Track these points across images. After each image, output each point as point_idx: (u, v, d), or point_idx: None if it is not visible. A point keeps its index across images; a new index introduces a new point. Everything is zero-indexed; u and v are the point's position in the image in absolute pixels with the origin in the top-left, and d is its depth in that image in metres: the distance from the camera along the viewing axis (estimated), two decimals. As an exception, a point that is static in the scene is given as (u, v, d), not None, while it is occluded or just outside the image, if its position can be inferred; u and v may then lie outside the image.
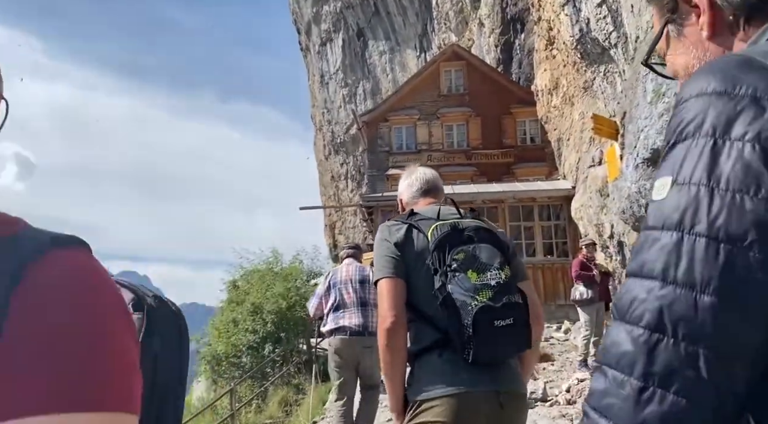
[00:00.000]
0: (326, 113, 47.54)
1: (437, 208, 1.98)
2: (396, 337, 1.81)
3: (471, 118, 20.80)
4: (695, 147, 0.65)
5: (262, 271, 12.88)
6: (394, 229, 1.91)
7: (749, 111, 0.63)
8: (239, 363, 11.52)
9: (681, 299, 0.64)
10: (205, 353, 11.50)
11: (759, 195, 0.61)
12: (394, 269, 1.84)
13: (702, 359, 0.63)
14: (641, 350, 0.65)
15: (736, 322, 0.63)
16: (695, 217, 0.64)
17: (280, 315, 11.45)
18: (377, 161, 21.08)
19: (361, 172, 46.58)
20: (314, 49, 47.83)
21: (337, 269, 5.27)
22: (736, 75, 0.65)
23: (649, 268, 0.66)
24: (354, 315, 4.87)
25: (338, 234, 47.98)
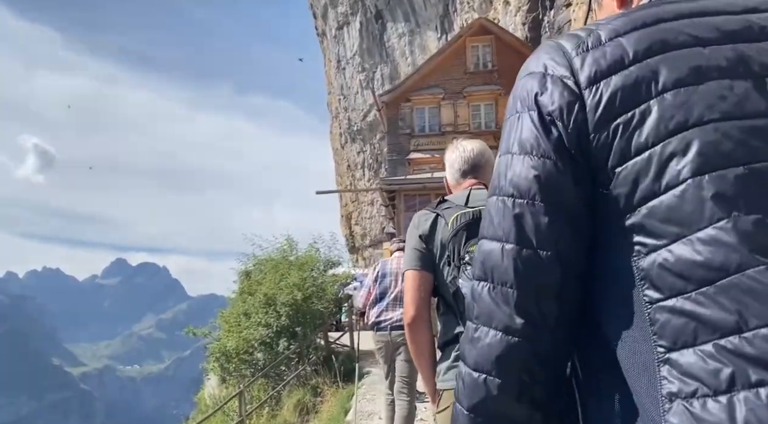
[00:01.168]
0: (343, 100, 46.30)
1: (467, 192, 1.85)
2: (417, 331, 1.87)
3: (500, 96, 19.36)
4: (507, 122, 0.83)
5: (275, 260, 11.67)
6: (422, 219, 1.88)
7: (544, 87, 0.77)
8: (251, 360, 10.34)
9: (494, 251, 0.78)
10: (214, 348, 10.37)
11: (537, 153, 0.75)
12: (419, 261, 1.84)
13: (512, 297, 0.75)
14: (472, 297, 0.81)
15: (533, 263, 0.74)
16: (501, 180, 0.78)
17: (296, 307, 10.23)
18: (398, 144, 19.77)
19: (378, 161, 45.35)
20: (330, 34, 46.53)
21: (387, 260, 5.12)
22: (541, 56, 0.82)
23: (481, 230, 0.82)
24: (398, 309, 4.69)
25: (354, 224, 46.93)
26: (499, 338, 0.76)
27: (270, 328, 10.25)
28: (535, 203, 0.74)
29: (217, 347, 10.38)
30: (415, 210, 14.14)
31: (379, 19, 42.21)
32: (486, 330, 0.77)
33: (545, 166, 0.74)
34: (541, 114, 0.75)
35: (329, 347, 11.42)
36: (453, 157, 2.02)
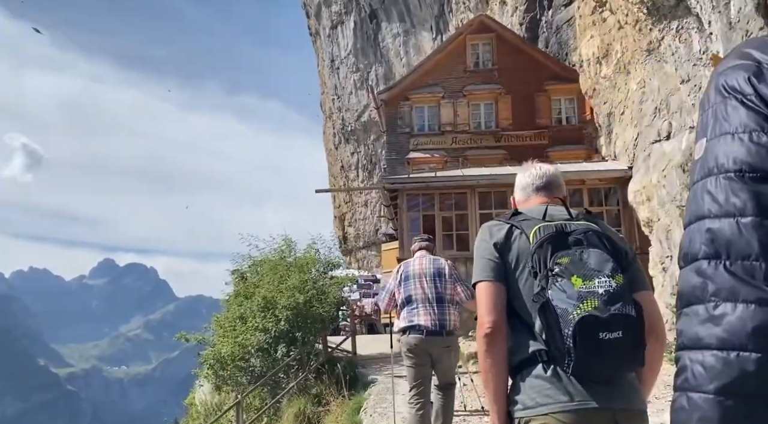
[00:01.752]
0: (336, 100, 45.80)
1: (544, 207, 1.85)
2: (494, 344, 1.72)
3: (500, 96, 18.99)
4: (710, 111, 0.86)
5: (273, 261, 11.18)
6: (495, 229, 1.84)
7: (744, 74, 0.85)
8: (248, 367, 9.85)
9: (724, 228, 0.77)
10: (208, 355, 9.85)
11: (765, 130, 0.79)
12: (492, 271, 1.78)
13: (759, 269, 0.75)
14: (707, 276, 0.79)
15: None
16: (721, 159, 0.80)
17: (296, 311, 9.75)
18: (397, 144, 19.34)
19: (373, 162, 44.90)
20: (324, 33, 46.03)
21: (409, 262, 4.92)
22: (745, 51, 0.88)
23: (699, 211, 0.81)
24: (430, 312, 4.58)
25: (348, 226, 46.42)
26: (751, 311, 0.75)
27: (268, 333, 9.77)
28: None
29: (211, 354, 9.87)
30: (417, 210, 13.73)
31: (374, 18, 41.79)
32: (731, 306, 0.76)
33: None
34: (762, 97, 0.81)
35: (330, 352, 10.95)
36: (526, 176, 2.02)
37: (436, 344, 4.57)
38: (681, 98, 10.43)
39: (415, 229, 13.27)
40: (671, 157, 9.88)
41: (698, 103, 9.82)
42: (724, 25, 8.36)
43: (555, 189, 1.99)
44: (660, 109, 11.08)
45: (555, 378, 1.63)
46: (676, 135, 10.56)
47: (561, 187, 2.01)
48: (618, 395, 1.63)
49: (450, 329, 4.60)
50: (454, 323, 4.67)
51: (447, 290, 4.64)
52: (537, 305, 1.64)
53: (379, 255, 41.88)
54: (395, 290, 4.81)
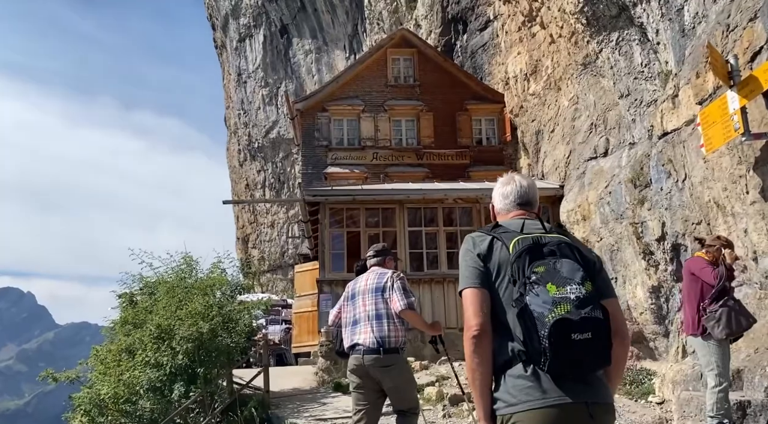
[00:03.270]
0: (243, 115, 43.68)
1: (521, 221, 2.00)
2: (481, 345, 1.86)
3: (422, 112, 18.33)
4: None
5: (170, 282, 9.42)
6: (478, 240, 1.98)
7: None
8: (135, 411, 8.01)
9: None
10: (82, 397, 7.91)
11: None
12: (478, 279, 1.91)
13: None
14: None
15: None
16: None
17: (199, 342, 8.09)
18: (313, 157, 18.04)
19: (281, 180, 43.09)
20: (231, 46, 44.00)
21: (359, 278, 4.65)
22: None
23: None
24: (368, 330, 4.35)
25: (252, 247, 44.02)
26: None
27: (162, 369, 8.02)
28: None
29: (86, 396, 7.92)
30: (341, 226, 12.49)
31: (285, 33, 40.54)
32: None
33: None
34: None
35: (238, 391, 9.28)
36: (508, 189, 2.15)
37: (374, 363, 4.26)
38: (620, 113, 10.06)
39: (337, 246, 12.00)
40: (613, 173, 9.40)
41: (638, 117, 9.37)
42: (675, 32, 7.98)
43: (532, 204, 2.14)
44: (596, 125, 10.68)
45: (534, 377, 1.79)
46: (614, 151, 10.15)
47: (536, 202, 2.17)
48: (590, 391, 1.81)
49: (389, 347, 4.28)
50: (396, 339, 4.34)
51: (388, 304, 4.36)
52: (516, 309, 1.80)
53: (286, 279, 39.90)
54: (343, 304, 4.62)
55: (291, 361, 17.71)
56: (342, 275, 11.88)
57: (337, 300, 4.84)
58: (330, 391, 11.16)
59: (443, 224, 12.28)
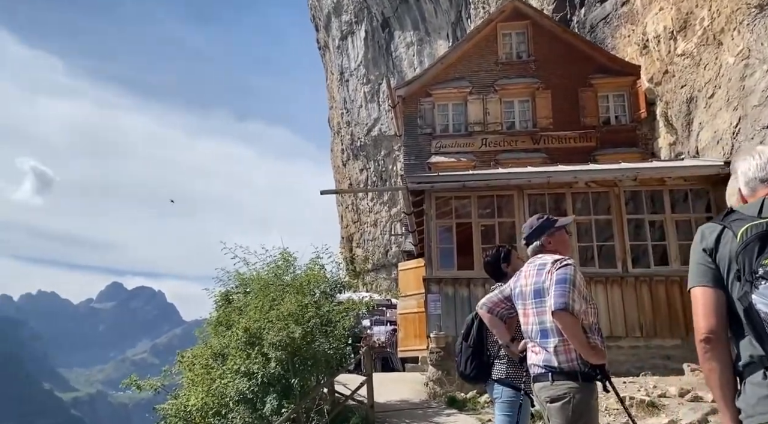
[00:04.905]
0: (345, 114, 43.47)
1: (761, 201, 1.73)
2: (712, 349, 1.71)
3: (538, 91, 16.37)
4: None
5: (265, 279, 8.45)
6: (707, 232, 1.80)
7: None
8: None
9: None
10: (168, 409, 7.11)
11: None
12: (705, 276, 1.74)
13: None
14: None
15: None
16: None
17: (292, 349, 6.99)
18: (416, 147, 16.70)
19: (383, 179, 42.25)
20: (333, 45, 43.98)
21: (520, 272, 3.22)
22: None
23: None
24: (535, 350, 3.06)
25: (356, 247, 43.69)
26: None
27: (253, 378, 7.01)
28: None
29: (172, 407, 7.07)
30: (449, 217, 11.03)
31: (386, 27, 39.69)
32: None
33: None
34: None
35: (340, 403, 8.09)
36: (747, 165, 1.86)
37: (540, 393, 3.06)
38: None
39: (445, 240, 10.53)
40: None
41: None
42: None
43: None
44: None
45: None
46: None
47: None
48: None
49: (560, 370, 2.95)
50: (569, 360, 2.97)
51: (550, 315, 3.03)
52: (743, 308, 1.63)
53: (389, 278, 39.04)
54: (513, 300, 3.23)
55: (397, 366, 16.46)
56: (451, 272, 10.41)
57: (446, 302, 3.47)
58: (443, 406, 9.73)
59: (572, 213, 10.42)
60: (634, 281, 10.00)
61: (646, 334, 9.83)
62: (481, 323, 3.85)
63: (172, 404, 7.30)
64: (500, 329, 3.44)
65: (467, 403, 9.59)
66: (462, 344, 3.94)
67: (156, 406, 7.86)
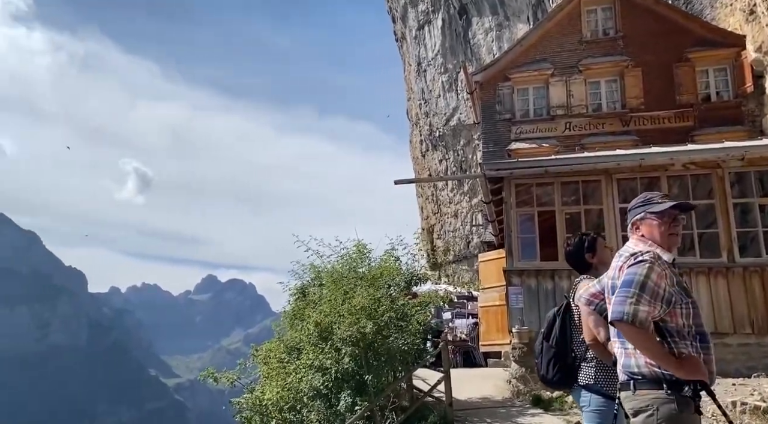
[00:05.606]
0: (423, 105, 43.00)
1: None
2: None
3: (627, 69, 15.24)
4: None
5: (339, 271, 8.32)
6: None
7: None
8: (299, 421, 6.99)
9: None
10: (243, 402, 7.14)
11: None
12: None
13: None
14: None
15: None
16: None
17: (364, 344, 6.79)
18: (495, 134, 16.06)
19: (463, 169, 41.41)
20: (410, 35, 43.58)
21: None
22: None
23: None
24: (618, 351, 2.65)
25: (436, 238, 43.23)
26: None
27: (327, 374, 6.87)
28: None
29: (246, 401, 7.07)
30: (530, 205, 10.43)
31: (464, 14, 38.78)
32: None
33: None
34: None
35: (418, 400, 7.82)
36: None
37: (625, 404, 2.58)
38: None
39: (527, 230, 9.95)
40: None
41: None
42: None
43: None
44: None
45: None
46: None
47: None
48: None
49: (642, 377, 2.50)
50: (648, 366, 2.50)
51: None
52: None
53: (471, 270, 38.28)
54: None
55: (480, 361, 15.96)
56: (534, 263, 9.82)
57: (529, 295, 3.13)
58: (527, 405, 9.21)
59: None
60: (742, 271, 8.99)
61: (758, 331, 8.81)
62: (564, 320, 3.42)
63: (247, 398, 7.33)
64: (598, 325, 3.01)
65: (554, 403, 9.03)
66: (542, 344, 3.52)
67: (231, 399, 7.94)
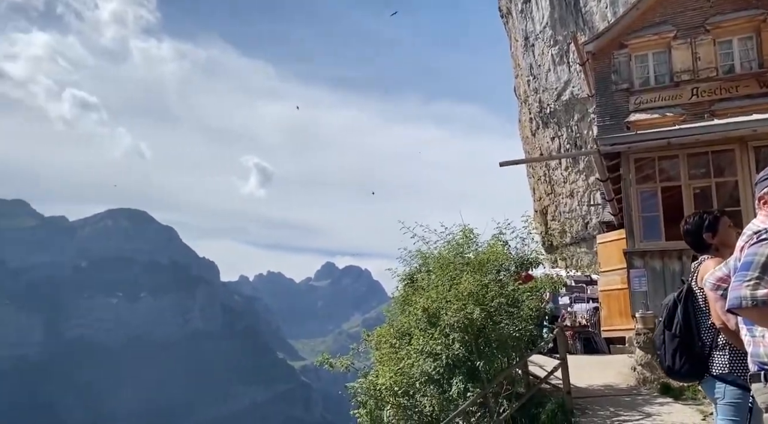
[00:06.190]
0: (532, 81, 41.32)
1: None
2: None
3: (765, 24, 13.57)
4: None
5: (446, 257, 8.24)
6: None
7: None
8: (413, 406, 7.06)
9: None
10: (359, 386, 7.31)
11: None
12: None
13: None
14: None
15: None
16: None
17: (473, 330, 6.67)
18: (611, 106, 15.03)
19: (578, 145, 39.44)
20: (516, 9, 41.96)
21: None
22: None
23: None
24: (746, 338, 2.48)
25: (551, 220, 41.61)
26: None
27: (438, 359, 6.85)
28: None
29: (362, 385, 7.25)
30: (653, 180, 9.65)
31: (573, -19, 36.69)
32: None
33: None
34: None
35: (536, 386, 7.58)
36: None
37: (757, 397, 2.40)
38: None
39: (649, 208, 9.23)
40: None
41: None
42: None
43: None
44: None
45: None
46: None
47: None
48: None
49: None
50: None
51: None
52: None
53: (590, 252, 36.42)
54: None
55: (602, 347, 15.19)
56: (658, 244, 9.09)
57: (654, 277, 2.85)
58: (655, 394, 8.62)
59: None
60: None
61: None
62: (687, 306, 3.10)
63: (362, 383, 7.51)
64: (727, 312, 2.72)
65: (684, 391, 8.37)
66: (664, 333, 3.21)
67: (347, 384, 8.18)
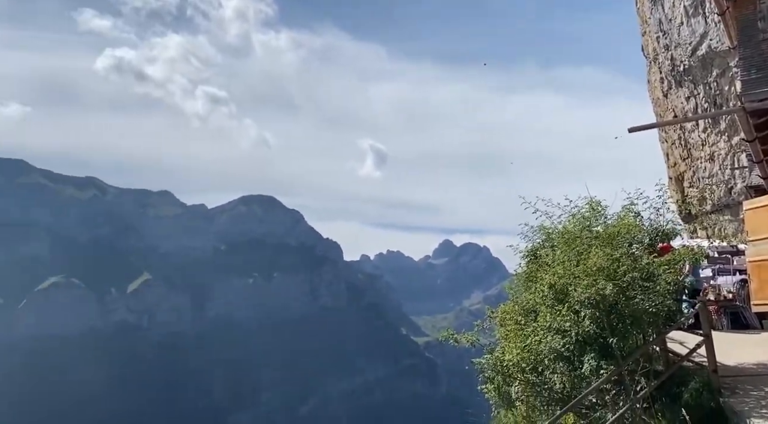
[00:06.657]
0: (662, 37, 37.92)
1: None
2: None
3: None
4: None
5: (571, 232, 7.90)
6: None
7: None
8: (542, 382, 6.93)
9: None
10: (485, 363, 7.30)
11: None
12: None
13: None
14: None
15: None
16: None
17: (605, 306, 6.38)
18: (757, 57, 13.37)
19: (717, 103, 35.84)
20: (639, -39, 38.69)
21: None
22: None
23: None
24: None
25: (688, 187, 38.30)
26: None
27: (567, 336, 6.66)
28: None
29: (489, 361, 7.24)
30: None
31: None
32: None
33: None
34: None
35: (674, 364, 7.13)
36: None
37: None
38: None
39: (808, 169, 8.17)
40: None
41: None
42: None
43: None
44: None
45: None
46: None
47: None
48: None
49: None
50: None
51: None
52: None
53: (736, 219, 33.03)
54: None
55: (753, 322, 13.84)
56: (823, 208, 8.05)
57: None
58: (819, 375, 7.75)
59: None
60: None
61: None
62: None
63: (488, 358, 7.50)
64: None
65: None
66: None
67: (473, 359, 8.20)
